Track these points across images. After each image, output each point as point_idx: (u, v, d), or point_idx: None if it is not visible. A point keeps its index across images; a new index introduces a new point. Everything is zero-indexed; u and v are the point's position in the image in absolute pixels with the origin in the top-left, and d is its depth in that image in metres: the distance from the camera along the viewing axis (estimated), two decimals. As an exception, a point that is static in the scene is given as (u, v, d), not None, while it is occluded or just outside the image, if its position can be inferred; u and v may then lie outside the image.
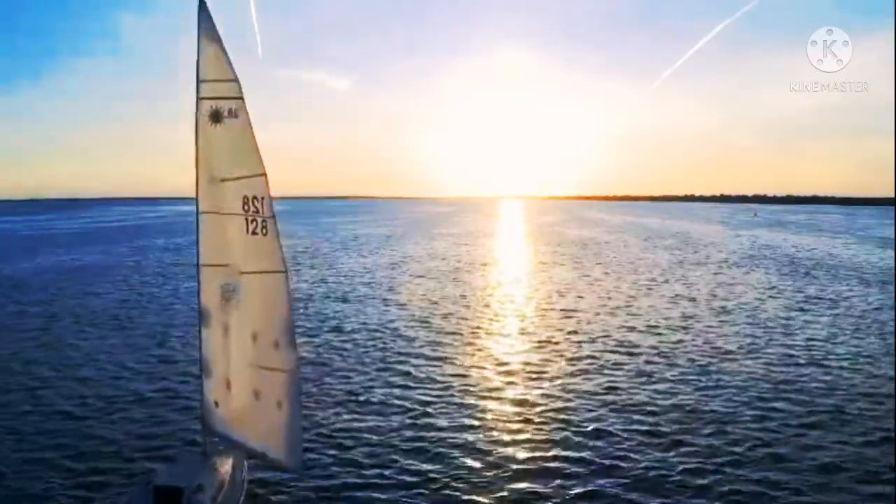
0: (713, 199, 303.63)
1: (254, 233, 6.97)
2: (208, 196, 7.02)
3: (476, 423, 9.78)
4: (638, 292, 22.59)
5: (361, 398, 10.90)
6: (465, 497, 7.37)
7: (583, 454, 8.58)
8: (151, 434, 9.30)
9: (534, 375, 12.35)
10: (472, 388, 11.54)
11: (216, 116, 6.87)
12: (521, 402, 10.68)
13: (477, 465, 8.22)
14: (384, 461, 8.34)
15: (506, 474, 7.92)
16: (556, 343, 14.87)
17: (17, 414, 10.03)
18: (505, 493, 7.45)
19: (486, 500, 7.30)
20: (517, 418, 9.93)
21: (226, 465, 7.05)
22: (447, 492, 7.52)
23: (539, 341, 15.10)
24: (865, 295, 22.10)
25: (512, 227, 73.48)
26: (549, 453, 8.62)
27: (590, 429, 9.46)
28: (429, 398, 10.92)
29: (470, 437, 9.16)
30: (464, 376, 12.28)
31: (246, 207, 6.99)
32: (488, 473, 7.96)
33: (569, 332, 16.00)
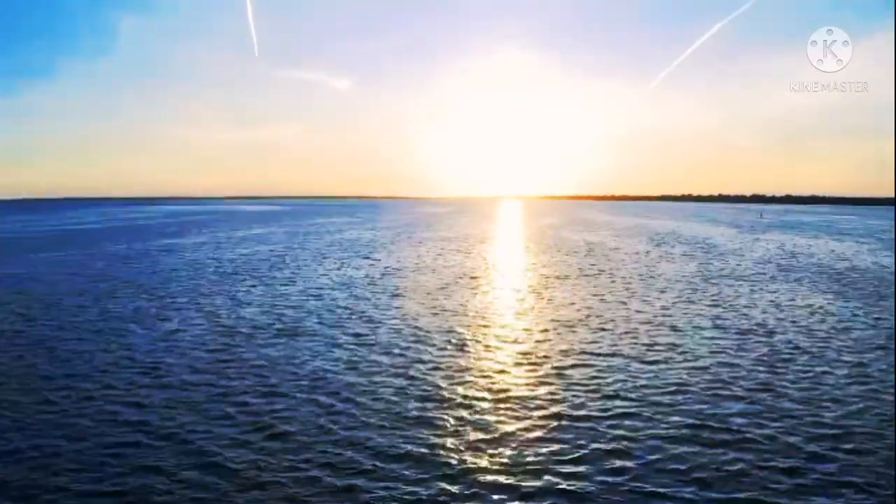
0: (711, 199, 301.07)
1: None
2: None
3: None
4: (669, 318, 17.76)
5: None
6: None
7: None
8: None
9: (549, 463, 7.60)
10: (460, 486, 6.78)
11: None
12: None
13: None
14: None
15: None
16: (578, 410, 10.06)
17: None
18: None
19: None
20: None
21: None
22: None
23: (554, 403, 10.31)
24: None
25: (510, 230, 68.62)
26: None
27: None
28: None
29: None
30: (445, 472, 7.49)
31: None
32: None
33: (592, 388, 11.17)
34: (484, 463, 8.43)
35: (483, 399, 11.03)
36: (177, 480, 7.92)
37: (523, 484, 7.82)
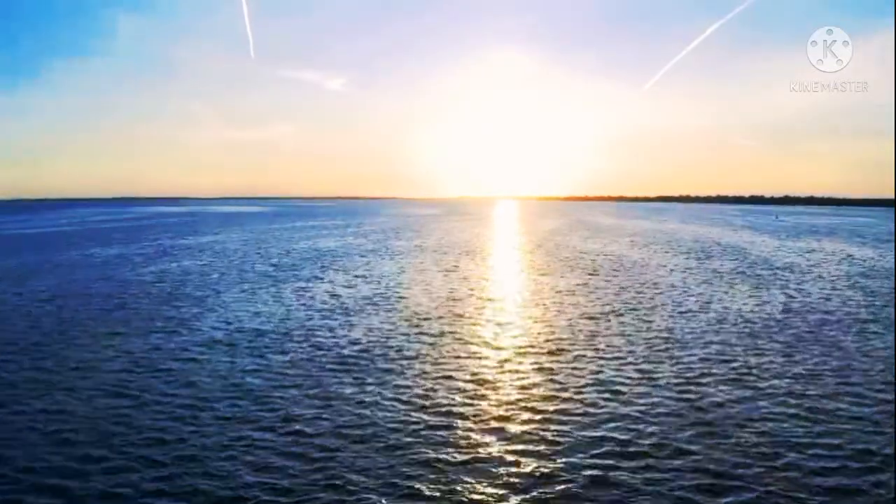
0: (709, 199, 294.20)
1: None
2: None
3: None
4: (815, 428, 8.80)
5: None
6: None
7: None
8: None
9: None
10: None
11: None
12: None
13: None
14: None
15: None
16: None
17: None
18: None
19: None
20: None
21: None
22: None
23: None
24: None
25: (506, 237, 59.47)
26: None
27: None
28: None
29: None
30: None
31: None
32: None
33: None
34: None
35: None
36: None
37: None
